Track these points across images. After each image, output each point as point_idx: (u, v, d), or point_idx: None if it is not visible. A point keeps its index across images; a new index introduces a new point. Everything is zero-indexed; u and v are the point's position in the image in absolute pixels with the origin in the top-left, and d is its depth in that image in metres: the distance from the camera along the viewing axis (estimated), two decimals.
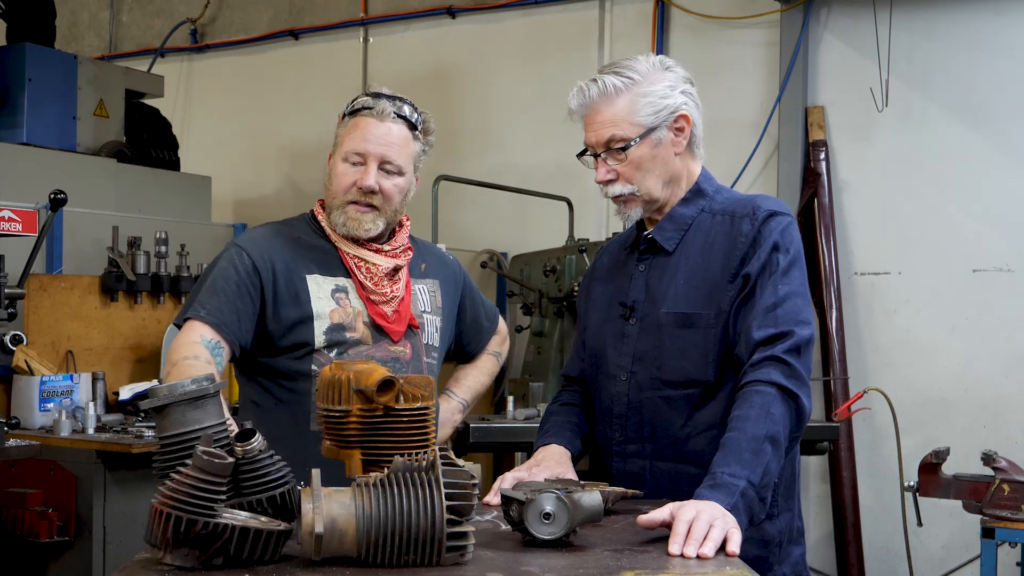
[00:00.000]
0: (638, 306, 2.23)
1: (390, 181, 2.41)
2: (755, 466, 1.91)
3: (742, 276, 2.12)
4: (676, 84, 2.19)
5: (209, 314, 2.30)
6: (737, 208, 2.20)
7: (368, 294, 2.41)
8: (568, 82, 2.30)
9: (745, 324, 2.09)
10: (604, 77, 2.17)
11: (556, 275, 5.31)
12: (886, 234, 5.34)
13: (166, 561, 1.51)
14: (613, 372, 2.24)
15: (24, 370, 4.33)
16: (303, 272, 2.39)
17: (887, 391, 4.84)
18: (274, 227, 2.50)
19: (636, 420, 2.20)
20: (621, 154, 2.17)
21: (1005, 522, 3.63)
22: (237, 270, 2.35)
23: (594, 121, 2.20)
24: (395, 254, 2.47)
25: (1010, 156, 5.12)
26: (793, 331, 2.05)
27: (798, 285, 2.12)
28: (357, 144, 2.38)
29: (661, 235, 2.23)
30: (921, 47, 5.29)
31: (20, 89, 5.33)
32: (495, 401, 6.15)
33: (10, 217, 3.95)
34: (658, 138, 2.17)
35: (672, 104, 2.17)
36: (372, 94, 2.43)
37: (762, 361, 2.03)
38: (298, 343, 2.36)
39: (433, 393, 1.90)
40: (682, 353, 2.15)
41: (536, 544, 1.72)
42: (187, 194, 5.82)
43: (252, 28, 7.40)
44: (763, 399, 1.99)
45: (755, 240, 2.13)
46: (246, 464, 1.62)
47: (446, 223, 5.55)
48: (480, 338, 2.79)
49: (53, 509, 3.92)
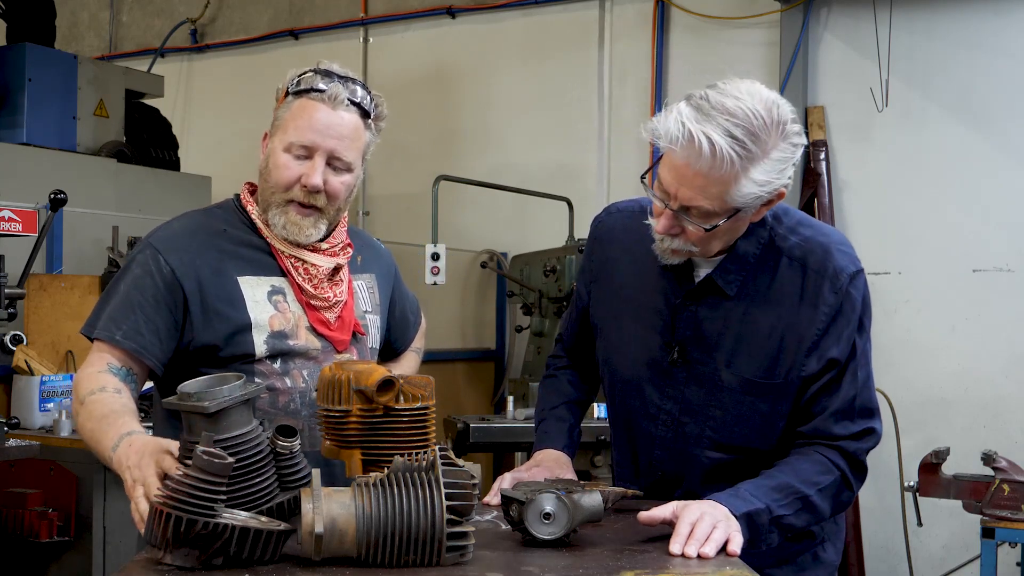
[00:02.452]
0: (687, 348, 2.02)
1: (338, 179, 2.10)
2: (781, 505, 1.88)
3: (827, 359, 1.95)
4: (790, 156, 1.85)
5: (125, 337, 2.02)
6: (809, 258, 1.97)
7: (308, 298, 2.13)
8: (568, 82, 2.23)
9: (822, 412, 1.97)
10: (716, 135, 1.78)
11: (556, 275, 5.31)
12: (886, 234, 5.34)
13: (166, 561, 1.51)
14: (653, 412, 2.08)
15: (24, 370, 4.33)
16: (233, 274, 2.09)
17: (887, 391, 4.85)
18: (194, 219, 2.18)
19: (676, 469, 2.09)
20: (698, 223, 1.87)
21: (1005, 522, 3.63)
22: (154, 279, 2.06)
23: (683, 175, 1.83)
24: (334, 252, 2.18)
25: (1010, 156, 5.12)
26: (874, 429, 1.99)
27: (870, 363, 2.02)
28: (303, 135, 2.07)
29: (723, 278, 1.98)
30: (921, 47, 5.29)
31: (20, 89, 5.33)
32: (495, 401, 6.16)
33: (10, 217, 3.95)
34: (743, 214, 1.90)
35: (776, 186, 1.86)
36: (322, 72, 2.11)
37: (838, 449, 1.96)
38: (237, 355, 2.07)
39: (433, 393, 1.89)
40: (744, 420, 2.00)
41: (536, 544, 1.72)
42: (187, 194, 5.82)
43: (252, 28, 7.40)
44: (824, 471, 1.94)
45: (839, 313, 1.95)
46: (286, 460, 1.66)
47: (446, 223, 5.55)
48: (406, 334, 2.49)
49: (53, 509, 3.91)
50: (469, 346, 6.37)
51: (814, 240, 2.00)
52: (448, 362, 5.92)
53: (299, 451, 1.69)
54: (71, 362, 4.60)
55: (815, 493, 1.92)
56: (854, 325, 1.97)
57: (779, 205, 2.01)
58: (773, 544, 1.94)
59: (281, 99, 2.14)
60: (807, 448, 1.97)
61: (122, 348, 2.02)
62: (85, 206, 4.92)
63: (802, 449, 1.98)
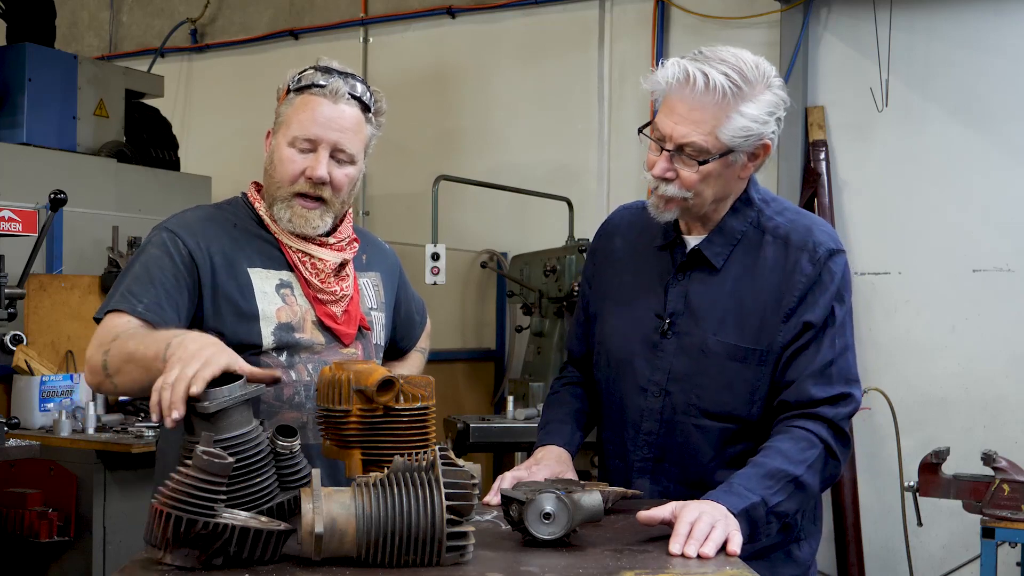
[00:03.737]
0: (676, 320, 2.11)
1: (342, 171, 2.14)
2: (774, 493, 1.90)
3: (802, 322, 2.04)
4: (775, 109, 2.03)
5: (147, 309, 1.99)
6: (792, 235, 2.09)
7: (315, 292, 2.16)
8: (568, 82, 2.26)
9: (799, 375, 2.03)
10: (712, 72, 1.96)
11: (556, 275, 5.31)
12: (886, 234, 5.35)
13: (166, 561, 1.51)
14: (643, 385, 2.14)
15: (24, 370, 4.33)
16: (244, 265, 2.13)
17: (887, 391, 4.85)
18: (206, 211, 2.23)
19: (666, 441, 2.13)
20: (693, 162, 2.00)
21: (1005, 522, 3.63)
22: (173, 258, 2.07)
23: (682, 115, 1.99)
24: (341, 247, 2.21)
25: (1010, 156, 5.12)
26: (852, 395, 2.04)
27: (851, 336, 2.08)
28: (307, 128, 2.11)
29: (710, 249, 2.10)
30: (921, 47, 5.29)
31: (20, 89, 5.33)
32: (495, 401, 6.16)
33: (10, 217, 3.95)
34: (733, 159, 2.03)
35: (763, 132, 2.02)
36: (322, 69, 2.16)
37: (817, 417, 2.01)
38: (243, 344, 2.05)
39: (433, 393, 1.89)
40: (728, 386, 2.07)
41: (536, 544, 1.72)
42: (187, 194, 5.82)
43: (252, 28, 7.41)
44: (809, 447, 1.97)
45: (816, 283, 2.05)
46: (286, 460, 1.66)
47: (446, 223, 5.55)
48: (412, 333, 2.53)
49: (53, 509, 3.92)
50: (469, 346, 6.37)
51: (798, 221, 2.13)
52: (448, 362, 5.92)
53: (299, 451, 1.69)
54: (71, 362, 4.60)
55: (804, 471, 1.95)
56: (831, 293, 2.05)
57: (768, 193, 2.18)
58: (773, 533, 1.98)
59: (282, 97, 2.18)
60: (788, 427, 2.01)
61: (145, 321, 1.98)
62: (85, 206, 4.92)
63: (783, 428, 2.02)
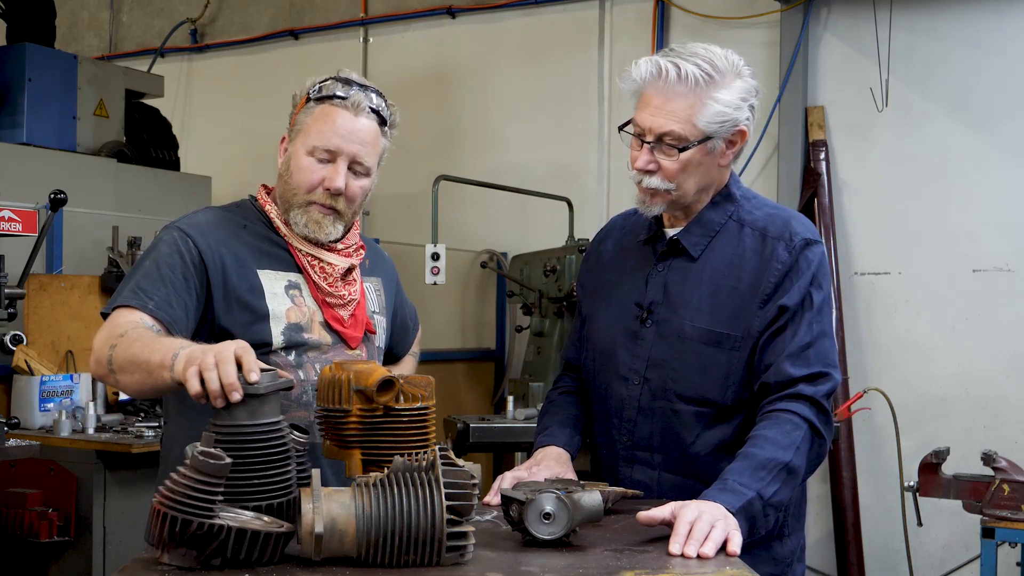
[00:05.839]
0: (655, 309, 2.16)
1: (357, 183, 2.19)
2: (768, 484, 1.92)
3: (778, 306, 2.08)
4: (747, 96, 2.10)
5: (157, 307, 2.01)
6: (770, 226, 2.15)
7: (324, 296, 2.20)
8: (568, 82, 2.28)
9: (776, 357, 2.07)
10: (683, 63, 2.04)
11: (556, 275, 5.31)
12: (886, 234, 5.35)
13: (164, 561, 1.51)
14: (624, 374, 2.18)
15: (24, 370, 4.33)
16: (254, 266, 2.16)
17: (887, 391, 4.84)
18: (218, 212, 2.25)
19: (646, 427, 2.17)
20: (673, 151, 2.07)
21: (1005, 522, 3.63)
22: (183, 258, 2.09)
23: (658, 106, 2.06)
24: (348, 253, 2.26)
25: (1010, 156, 5.12)
26: (830, 374, 2.08)
27: (828, 325, 2.12)
28: (327, 139, 2.15)
29: (688, 239, 2.17)
30: (921, 47, 5.29)
31: (20, 89, 5.33)
32: (495, 401, 6.16)
33: (10, 217, 3.95)
34: (712, 147, 2.09)
35: (737, 118, 2.08)
36: (343, 80, 2.21)
37: (797, 396, 2.04)
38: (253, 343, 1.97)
39: (433, 393, 1.89)
40: (703, 371, 2.11)
41: (536, 544, 1.72)
42: (187, 194, 5.83)
43: (252, 28, 7.41)
44: (794, 429, 2.00)
45: (792, 269, 2.09)
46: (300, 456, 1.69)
47: (446, 223, 5.55)
48: (406, 340, 2.59)
49: (53, 509, 3.92)
50: (469, 346, 6.37)
51: (777, 215, 2.19)
52: (448, 362, 5.92)
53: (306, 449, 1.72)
54: (71, 362, 4.60)
55: (793, 455, 1.98)
56: (807, 279, 2.10)
57: (750, 192, 2.24)
58: (771, 524, 2.03)
59: (301, 104, 2.22)
60: (771, 411, 2.03)
61: (156, 318, 2.00)
62: (85, 206, 4.93)
63: (766, 414, 2.04)
